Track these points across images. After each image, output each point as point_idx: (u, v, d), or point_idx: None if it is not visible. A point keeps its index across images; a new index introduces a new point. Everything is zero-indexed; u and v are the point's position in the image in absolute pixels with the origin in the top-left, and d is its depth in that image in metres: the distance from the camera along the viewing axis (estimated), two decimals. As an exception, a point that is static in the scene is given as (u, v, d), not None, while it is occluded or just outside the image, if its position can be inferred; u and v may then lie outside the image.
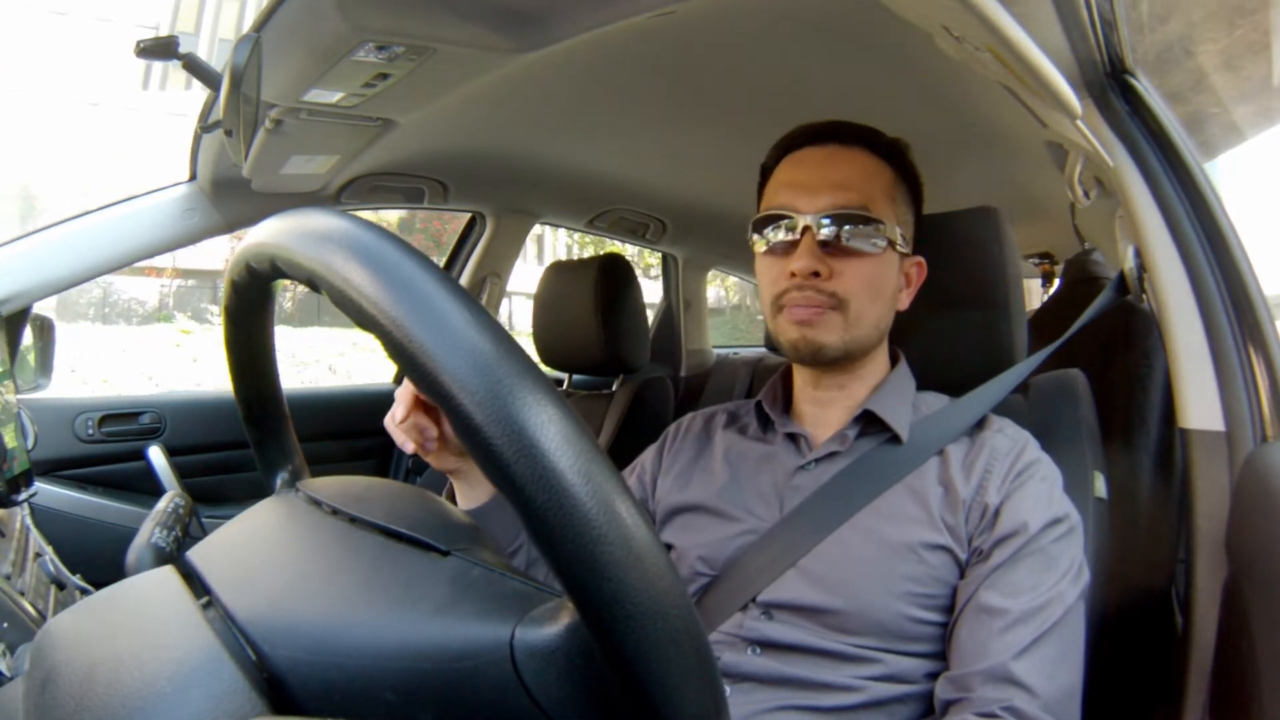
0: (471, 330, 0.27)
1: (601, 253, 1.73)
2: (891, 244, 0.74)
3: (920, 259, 0.79)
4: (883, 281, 0.74)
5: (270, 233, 0.34)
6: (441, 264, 1.86)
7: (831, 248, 0.72)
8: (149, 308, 12.72)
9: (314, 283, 0.30)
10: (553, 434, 0.25)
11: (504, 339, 0.27)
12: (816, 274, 0.71)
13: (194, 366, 8.43)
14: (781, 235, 0.74)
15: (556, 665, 0.28)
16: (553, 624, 0.29)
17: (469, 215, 1.84)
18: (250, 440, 0.48)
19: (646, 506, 0.85)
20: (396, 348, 0.27)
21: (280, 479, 0.48)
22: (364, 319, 0.28)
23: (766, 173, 0.81)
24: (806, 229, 0.72)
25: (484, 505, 0.72)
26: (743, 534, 0.74)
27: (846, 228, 0.72)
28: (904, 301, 0.78)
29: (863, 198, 0.73)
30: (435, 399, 0.26)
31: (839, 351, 0.73)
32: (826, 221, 0.72)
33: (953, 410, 0.76)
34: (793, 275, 0.72)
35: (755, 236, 0.77)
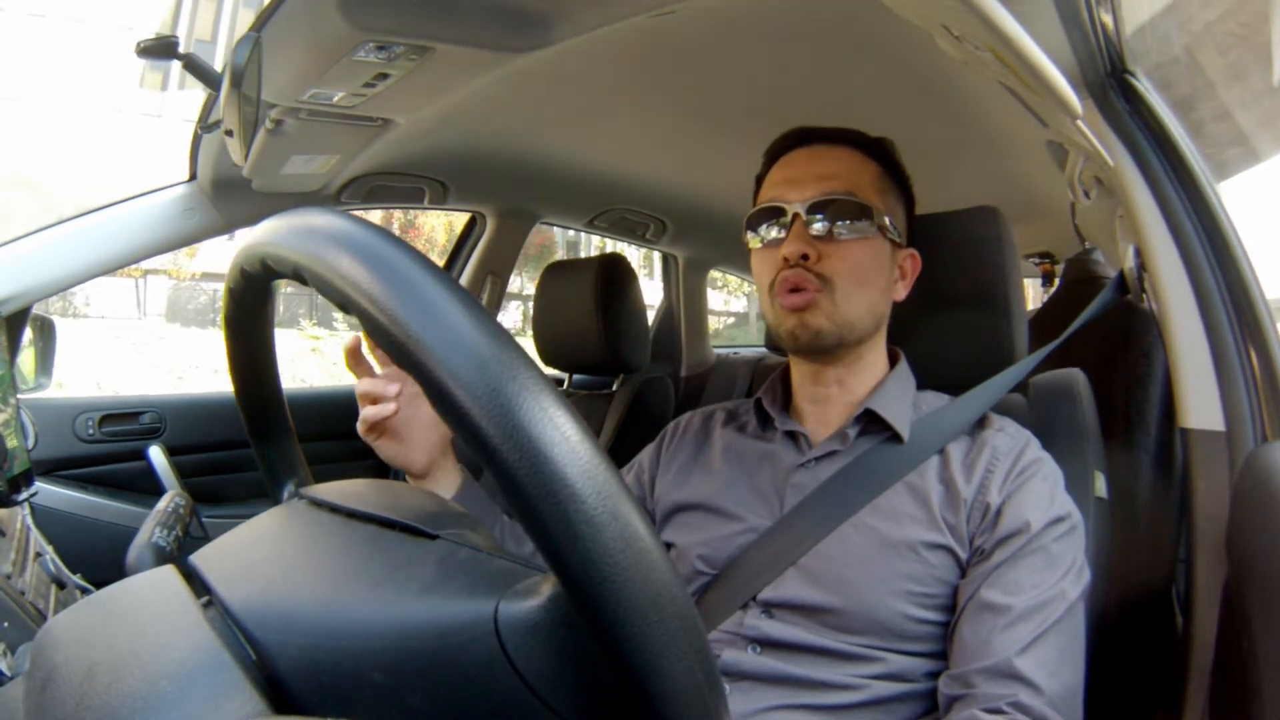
0: (445, 302, 0.27)
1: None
2: (881, 231, 0.75)
3: (914, 251, 0.80)
4: (872, 266, 0.75)
5: (258, 233, 0.35)
6: (441, 263, 1.87)
7: (821, 235, 0.73)
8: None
9: (300, 274, 0.31)
10: (525, 396, 0.25)
11: (477, 310, 0.27)
12: (805, 257, 0.73)
13: (335, 369, 8.51)
14: (774, 230, 0.75)
15: (540, 638, 0.28)
16: (535, 597, 0.29)
17: (469, 216, 1.84)
18: (255, 451, 0.48)
19: (645, 505, 0.85)
20: (374, 325, 0.27)
21: (287, 491, 0.48)
22: (344, 301, 0.29)
23: (760, 180, 0.82)
24: (795, 216, 0.73)
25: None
26: (742, 532, 0.74)
27: (838, 221, 0.73)
28: (900, 293, 0.79)
29: (848, 185, 0.74)
30: (409, 368, 0.27)
31: (833, 335, 0.74)
32: (816, 212, 0.73)
33: (953, 409, 0.76)
34: (785, 261, 0.73)
35: (750, 235, 0.78)
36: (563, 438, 0.25)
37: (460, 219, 1.91)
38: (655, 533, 0.27)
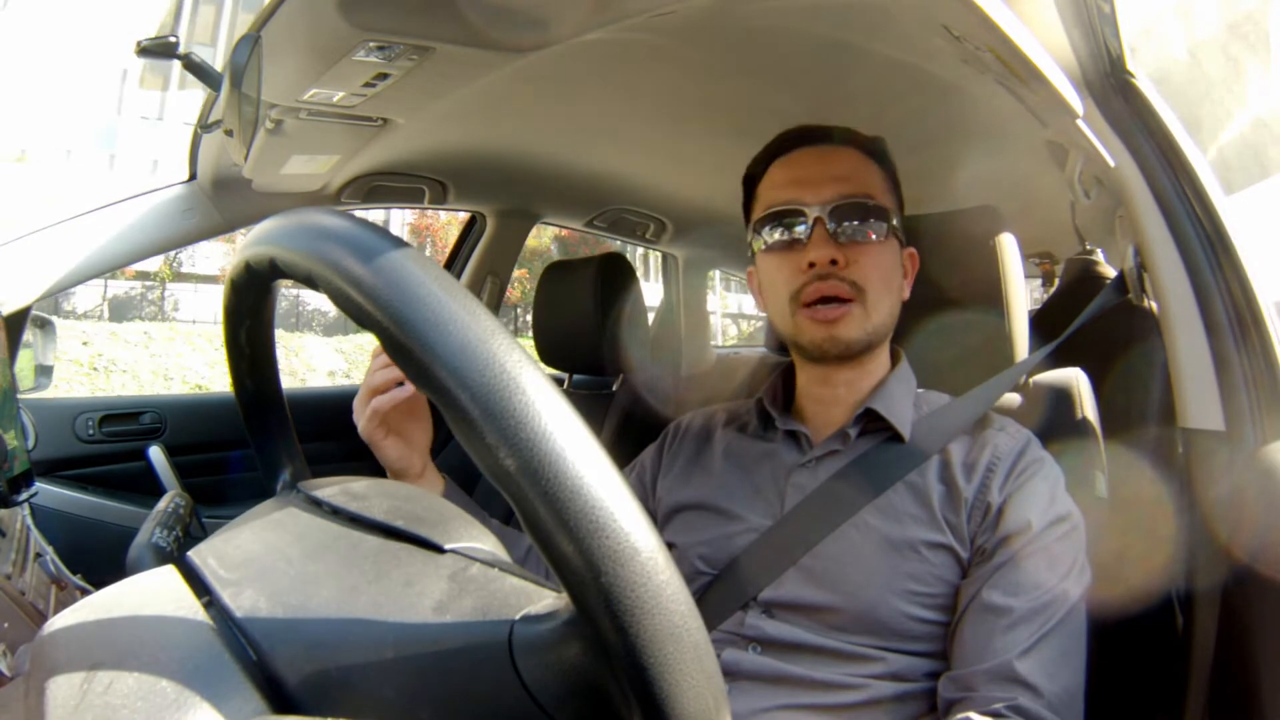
0: (471, 328, 0.27)
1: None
2: (894, 232, 0.75)
3: (913, 250, 0.80)
4: (892, 268, 0.75)
5: (268, 232, 0.34)
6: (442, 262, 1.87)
7: (842, 238, 0.72)
8: (330, 318, 12.85)
9: (312, 280, 0.31)
10: (550, 429, 0.25)
11: (502, 335, 0.27)
12: (834, 262, 0.72)
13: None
14: (788, 232, 0.74)
15: (554, 661, 0.28)
16: (550, 620, 0.29)
17: (468, 217, 1.84)
18: (252, 442, 0.48)
19: (647, 506, 0.85)
20: (393, 344, 0.27)
21: (282, 481, 0.48)
22: (362, 316, 0.28)
23: (754, 181, 0.81)
24: (818, 220, 0.72)
25: None
26: (743, 532, 0.74)
27: (858, 222, 0.73)
28: (905, 291, 0.79)
29: (864, 187, 0.74)
30: (433, 395, 0.26)
31: (863, 344, 0.74)
32: (836, 213, 0.73)
33: (954, 408, 0.76)
34: (810, 266, 0.72)
35: (756, 236, 0.77)
36: (588, 471, 0.25)
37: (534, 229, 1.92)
38: (673, 562, 0.27)
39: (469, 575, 0.33)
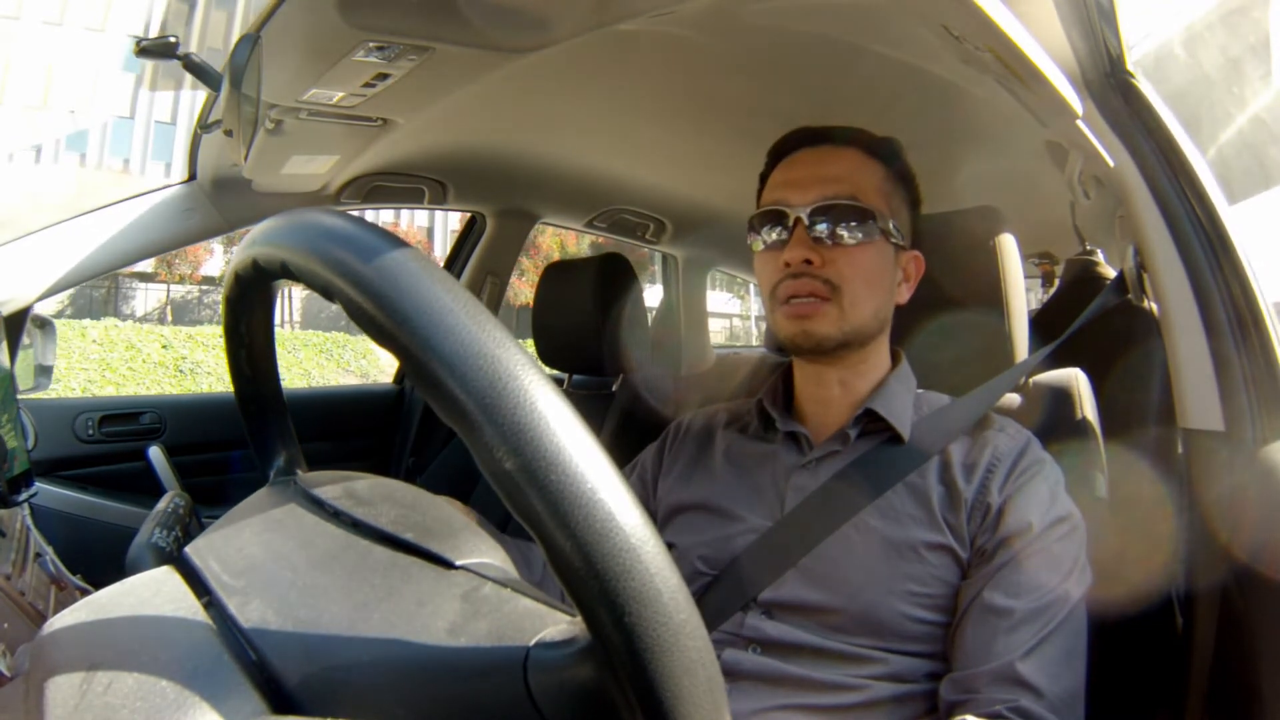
0: (509, 381, 0.26)
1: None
2: (885, 234, 0.74)
3: (918, 254, 0.80)
4: (877, 270, 0.74)
5: (279, 234, 0.33)
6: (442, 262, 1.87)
7: (824, 239, 0.73)
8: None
9: (329, 293, 0.30)
10: (579, 469, 0.26)
11: (537, 377, 0.27)
12: (809, 262, 0.72)
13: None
14: (776, 233, 0.75)
15: (568, 687, 0.28)
16: (566, 647, 0.29)
17: (469, 215, 1.84)
18: (246, 429, 0.47)
19: (647, 506, 0.85)
20: (422, 374, 0.27)
21: (275, 467, 0.48)
22: (385, 339, 0.28)
23: (764, 180, 0.82)
24: (798, 221, 0.73)
25: None
26: (743, 533, 0.74)
27: (840, 223, 0.72)
28: (903, 295, 0.78)
29: (852, 189, 0.73)
30: (460, 431, 0.26)
31: (837, 341, 0.73)
32: (817, 216, 0.72)
33: (954, 409, 0.76)
34: (787, 265, 0.73)
35: (753, 236, 0.77)
36: (616, 511, 0.26)
37: (569, 238, 1.92)
38: (693, 600, 0.27)
39: (482, 595, 0.33)
